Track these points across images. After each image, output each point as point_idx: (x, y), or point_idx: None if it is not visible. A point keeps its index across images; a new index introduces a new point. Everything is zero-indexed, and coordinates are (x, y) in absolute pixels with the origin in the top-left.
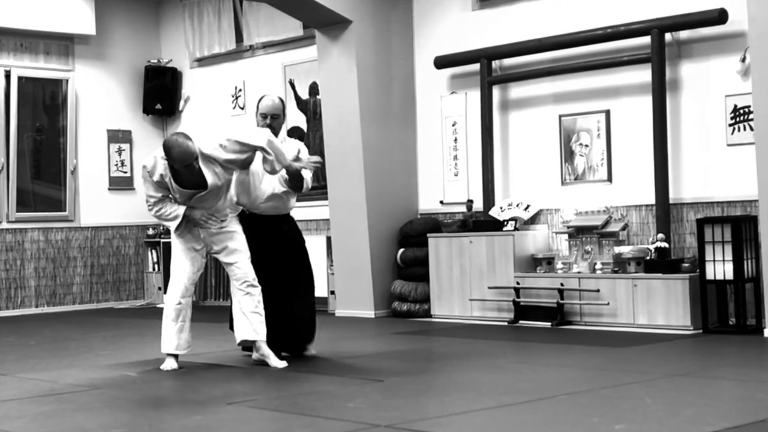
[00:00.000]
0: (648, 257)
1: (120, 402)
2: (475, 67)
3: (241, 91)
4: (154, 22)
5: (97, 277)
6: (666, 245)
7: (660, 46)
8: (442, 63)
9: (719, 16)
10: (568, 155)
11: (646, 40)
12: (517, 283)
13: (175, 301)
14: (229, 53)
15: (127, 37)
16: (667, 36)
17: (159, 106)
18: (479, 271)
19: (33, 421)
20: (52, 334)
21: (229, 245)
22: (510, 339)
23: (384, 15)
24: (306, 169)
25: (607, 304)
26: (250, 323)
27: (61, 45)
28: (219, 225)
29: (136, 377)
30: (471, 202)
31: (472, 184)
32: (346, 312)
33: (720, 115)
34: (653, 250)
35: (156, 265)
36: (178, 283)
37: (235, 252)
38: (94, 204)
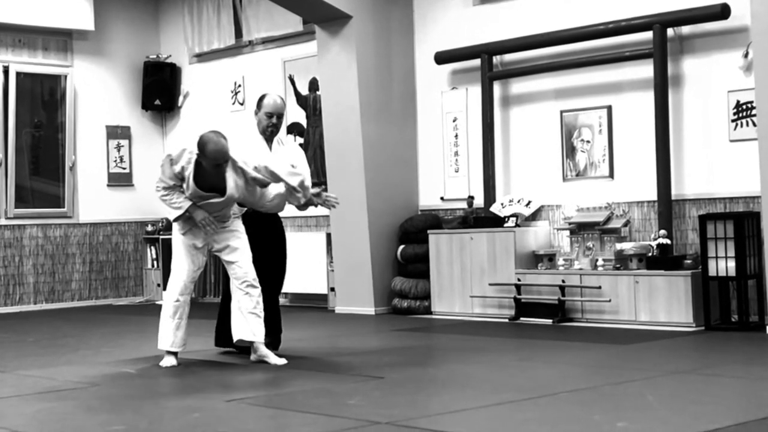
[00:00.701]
0: (650, 254)
1: (119, 399)
2: (476, 62)
3: (240, 86)
4: (153, 17)
5: (96, 274)
6: (668, 242)
7: (662, 42)
8: (442, 58)
9: (722, 11)
10: (570, 151)
11: (648, 35)
12: (518, 279)
13: (174, 298)
14: (229, 49)
15: (126, 32)
16: (670, 31)
17: (158, 102)
18: (480, 268)
19: (32, 419)
20: (50, 331)
21: (231, 244)
22: (511, 336)
23: (384, 10)
24: (323, 206)
25: (609, 300)
26: (248, 324)
27: (60, 40)
28: (219, 228)
29: (135, 374)
30: (472, 198)
31: (472, 180)
32: (346, 309)
33: (722, 111)
34: (655, 247)
35: (155, 262)
36: (178, 281)
37: (237, 251)
38: (93, 200)
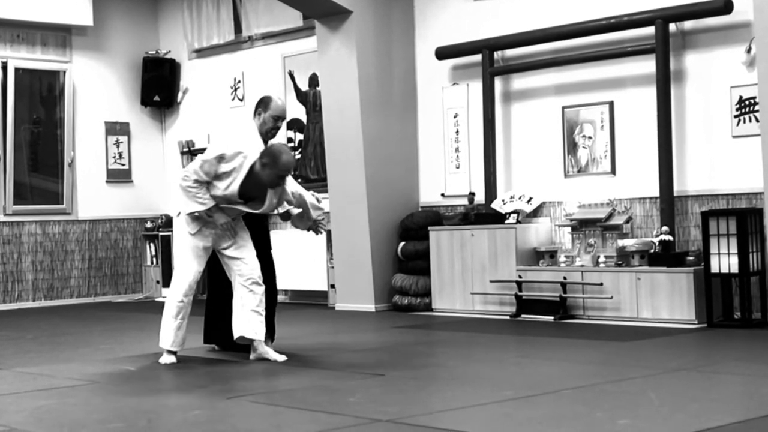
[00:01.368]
0: (652, 250)
1: (118, 396)
2: (477, 57)
3: (240, 82)
4: (152, 12)
5: (95, 271)
6: (670, 238)
7: (664, 37)
8: (443, 54)
9: (724, 6)
10: (571, 147)
11: (650, 30)
12: (519, 276)
13: (178, 299)
14: (228, 44)
15: (125, 28)
16: (672, 26)
17: (157, 98)
18: (481, 265)
19: (31, 416)
20: (49, 328)
21: (239, 241)
22: (512, 333)
23: (385, 5)
24: (314, 230)
25: (611, 297)
26: (249, 321)
27: (59, 36)
28: (233, 233)
29: (134, 371)
30: (473, 194)
31: (473, 177)
32: (347, 306)
33: (725, 107)
34: (657, 243)
35: (154, 259)
36: (183, 282)
37: (244, 248)
38: (92, 197)
